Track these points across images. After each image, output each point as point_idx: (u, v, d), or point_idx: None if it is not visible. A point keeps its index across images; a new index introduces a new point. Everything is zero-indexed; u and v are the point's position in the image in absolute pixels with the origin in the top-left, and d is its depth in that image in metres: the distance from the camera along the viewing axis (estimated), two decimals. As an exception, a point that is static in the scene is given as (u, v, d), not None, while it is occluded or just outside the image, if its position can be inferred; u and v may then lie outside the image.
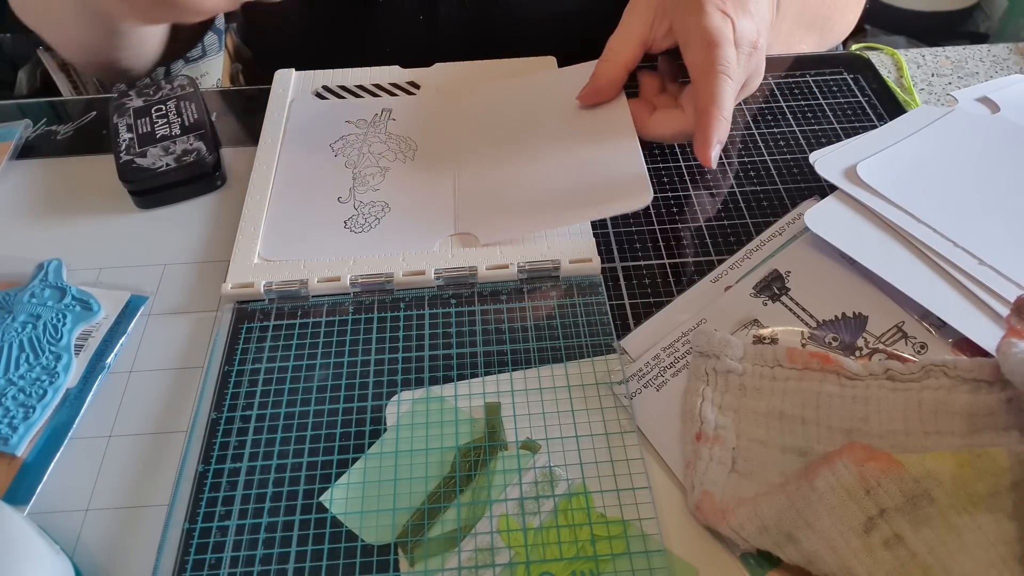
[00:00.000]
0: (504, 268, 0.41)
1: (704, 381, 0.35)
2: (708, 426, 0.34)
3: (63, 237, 0.46)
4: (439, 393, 0.37)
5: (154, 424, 0.37)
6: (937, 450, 0.32)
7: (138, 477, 0.35)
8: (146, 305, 0.42)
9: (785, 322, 0.38)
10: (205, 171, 0.47)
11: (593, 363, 0.37)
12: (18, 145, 0.52)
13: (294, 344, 0.39)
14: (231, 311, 0.41)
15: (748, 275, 0.41)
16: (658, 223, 0.45)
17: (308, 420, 0.36)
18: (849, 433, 0.33)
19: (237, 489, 0.34)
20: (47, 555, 0.30)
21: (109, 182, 0.47)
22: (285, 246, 0.43)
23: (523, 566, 0.31)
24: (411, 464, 0.34)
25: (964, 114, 0.47)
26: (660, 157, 0.49)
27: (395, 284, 0.41)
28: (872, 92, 0.53)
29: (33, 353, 0.39)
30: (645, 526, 0.32)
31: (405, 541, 0.32)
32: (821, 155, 0.44)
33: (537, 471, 0.34)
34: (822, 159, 0.44)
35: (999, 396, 0.32)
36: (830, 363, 0.34)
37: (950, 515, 0.28)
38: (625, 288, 0.41)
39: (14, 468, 0.35)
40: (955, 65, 0.55)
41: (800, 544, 0.29)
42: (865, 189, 0.42)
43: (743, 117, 0.51)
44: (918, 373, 0.33)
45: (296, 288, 0.41)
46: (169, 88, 0.52)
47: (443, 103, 0.52)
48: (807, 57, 0.56)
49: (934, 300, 0.37)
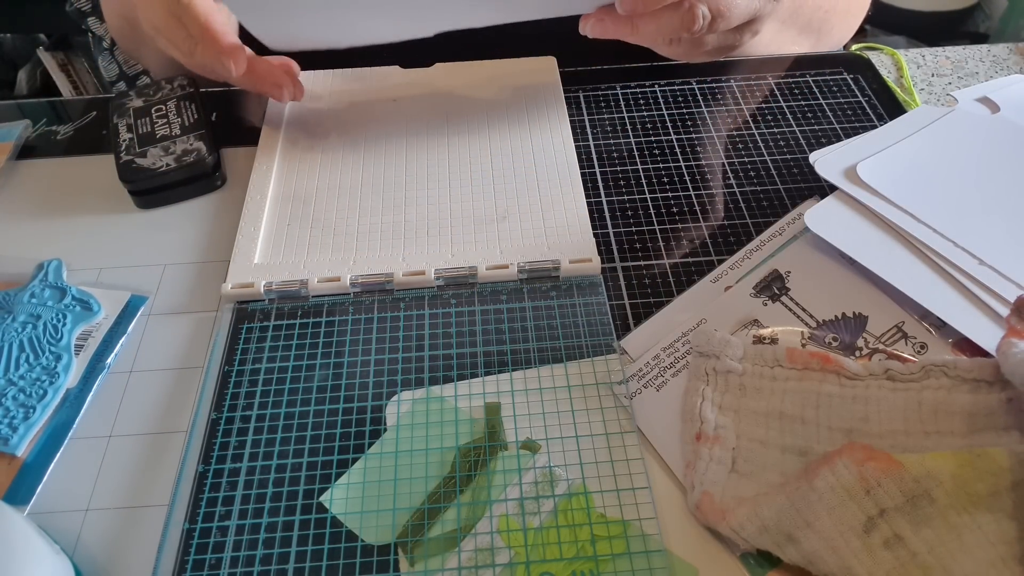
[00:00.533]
0: (504, 268, 0.41)
1: (704, 381, 0.35)
2: (708, 426, 0.34)
3: (63, 237, 0.46)
4: (439, 393, 0.37)
5: (154, 424, 0.37)
6: (937, 450, 0.32)
7: (138, 477, 0.35)
8: (146, 305, 0.42)
9: (785, 322, 0.38)
10: (205, 171, 0.47)
11: (593, 363, 0.37)
12: (18, 145, 0.52)
13: (294, 344, 0.39)
14: (231, 311, 0.41)
15: (748, 275, 0.41)
16: (658, 223, 0.45)
17: (308, 420, 0.36)
18: (849, 433, 0.33)
19: (237, 489, 0.34)
20: (47, 555, 0.30)
21: (109, 182, 0.48)
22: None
23: (523, 566, 0.31)
24: (411, 464, 0.34)
25: (964, 114, 0.47)
26: (660, 157, 0.49)
27: (395, 284, 0.41)
28: (872, 92, 0.53)
29: (33, 353, 0.39)
30: (645, 526, 0.32)
31: (405, 541, 0.32)
32: (821, 155, 0.44)
33: (537, 471, 0.34)
34: (822, 159, 0.44)
35: (999, 396, 0.32)
36: (830, 363, 0.34)
37: (950, 515, 0.28)
38: (625, 288, 0.41)
39: (14, 468, 0.35)
40: (955, 65, 0.55)
41: (800, 544, 0.29)
42: (865, 189, 0.42)
43: (743, 117, 0.52)
44: (918, 373, 0.33)
45: (296, 288, 0.41)
46: (169, 88, 0.52)
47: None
48: (807, 57, 0.56)
49: (934, 300, 0.37)
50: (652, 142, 0.50)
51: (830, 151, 0.45)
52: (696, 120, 0.51)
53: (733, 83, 0.54)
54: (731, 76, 0.55)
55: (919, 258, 0.39)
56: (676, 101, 0.53)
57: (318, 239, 0.44)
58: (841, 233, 0.40)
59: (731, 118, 0.51)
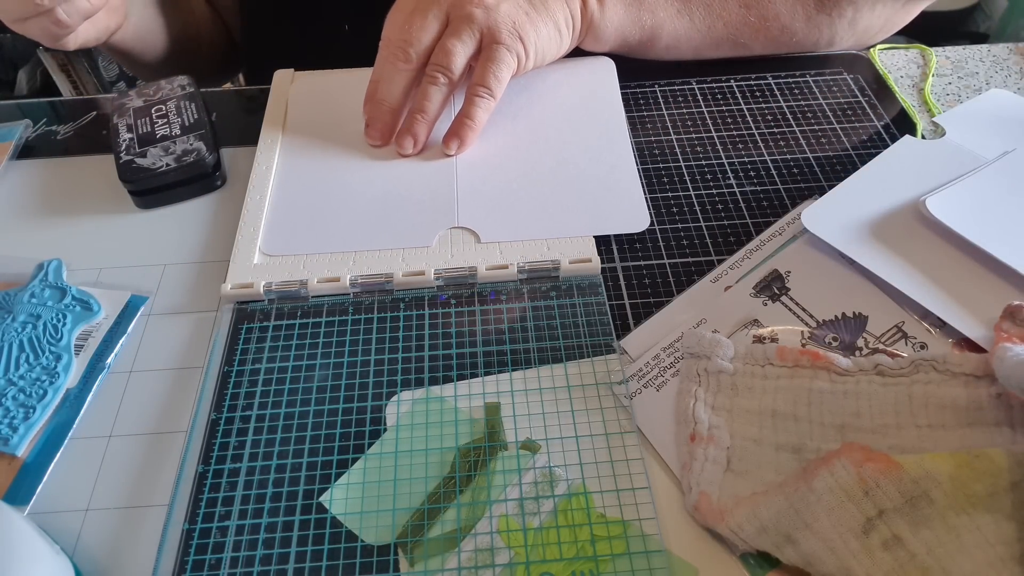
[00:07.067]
0: (504, 268, 0.41)
1: (696, 382, 0.35)
2: (702, 426, 0.34)
3: (63, 237, 0.46)
4: (439, 393, 0.37)
5: (154, 424, 0.37)
6: (929, 443, 0.32)
7: (138, 477, 0.35)
8: (146, 305, 0.42)
9: (785, 322, 0.38)
10: (205, 171, 0.47)
11: (593, 363, 0.37)
12: (18, 145, 0.52)
13: (294, 344, 0.39)
14: (231, 311, 0.41)
15: (748, 275, 0.41)
16: (658, 223, 0.45)
17: (308, 420, 0.36)
18: (841, 429, 0.33)
19: (237, 489, 0.34)
20: (47, 555, 0.30)
21: (109, 182, 0.48)
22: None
23: (523, 566, 0.31)
24: (411, 464, 0.34)
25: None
26: (660, 157, 0.49)
27: (395, 284, 0.41)
28: (872, 92, 0.53)
29: (33, 353, 0.39)
30: (645, 526, 0.32)
31: (405, 541, 0.32)
32: (810, 211, 0.42)
33: (537, 471, 0.34)
34: (810, 215, 0.42)
35: (988, 391, 0.32)
36: (820, 360, 0.35)
37: (949, 516, 0.28)
38: (625, 288, 0.41)
39: (14, 468, 0.35)
40: (955, 65, 0.55)
41: (799, 545, 0.29)
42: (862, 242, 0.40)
43: (743, 116, 0.52)
44: (908, 368, 0.34)
45: (296, 288, 0.41)
46: (169, 88, 0.52)
47: None
48: (807, 57, 0.56)
49: (934, 300, 0.37)
50: (652, 142, 0.50)
51: (821, 205, 0.42)
52: (696, 120, 0.51)
53: (733, 83, 0.54)
54: (731, 76, 0.55)
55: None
56: (676, 101, 0.53)
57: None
58: (838, 232, 0.40)
59: (730, 118, 0.51)
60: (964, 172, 0.43)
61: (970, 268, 0.39)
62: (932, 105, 0.51)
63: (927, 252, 0.39)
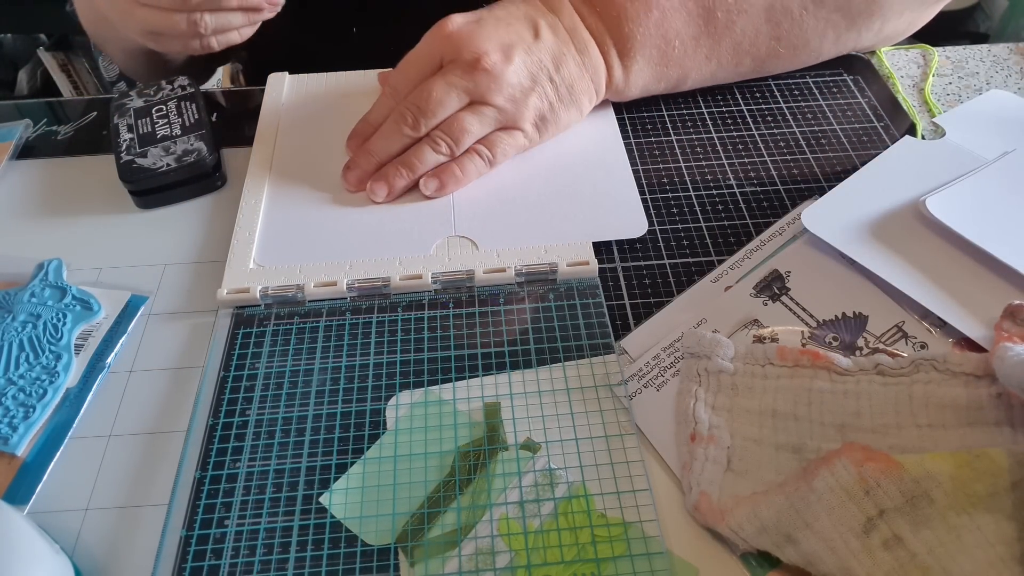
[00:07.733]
0: (501, 272, 0.41)
1: (696, 382, 0.35)
2: (702, 426, 0.34)
3: (63, 237, 0.46)
4: (438, 395, 0.37)
5: (154, 424, 0.37)
6: (929, 443, 0.32)
7: (138, 477, 0.35)
8: (146, 305, 0.42)
9: (785, 322, 0.38)
10: (205, 171, 0.47)
11: (592, 365, 0.37)
12: (18, 145, 0.52)
13: (291, 348, 0.39)
14: (229, 315, 0.41)
15: (748, 275, 0.41)
16: (658, 223, 0.45)
17: (307, 424, 0.36)
18: (841, 428, 0.33)
19: (235, 495, 0.34)
20: (47, 555, 0.30)
21: (109, 182, 0.48)
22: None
23: (523, 568, 0.31)
24: (411, 466, 0.34)
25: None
26: (660, 158, 0.49)
27: (392, 288, 0.41)
28: (872, 93, 0.53)
29: (33, 353, 0.39)
30: (646, 527, 0.32)
31: (405, 543, 0.32)
32: (810, 211, 0.42)
33: (537, 473, 0.34)
34: (810, 215, 0.42)
35: (988, 391, 0.32)
36: (820, 359, 0.35)
37: (949, 516, 0.28)
38: (625, 288, 0.41)
39: (14, 468, 0.35)
40: (955, 65, 0.55)
41: (799, 545, 0.29)
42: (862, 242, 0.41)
43: (743, 117, 0.52)
44: (908, 368, 0.34)
45: (292, 293, 0.41)
46: (169, 88, 0.52)
47: None
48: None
49: (934, 300, 0.37)
50: (652, 142, 0.50)
51: (821, 205, 0.42)
52: (696, 120, 0.51)
53: (732, 84, 0.54)
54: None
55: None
56: (676, 102, 0.53)
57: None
58: (838, 232, 0.40)
59: (731, 119, 0.51)
60: (964, 172, 0.43)
61: (970, 268, 0.39)
62: (932, 105, 0.51)
63: (927, 252, 0.39)
